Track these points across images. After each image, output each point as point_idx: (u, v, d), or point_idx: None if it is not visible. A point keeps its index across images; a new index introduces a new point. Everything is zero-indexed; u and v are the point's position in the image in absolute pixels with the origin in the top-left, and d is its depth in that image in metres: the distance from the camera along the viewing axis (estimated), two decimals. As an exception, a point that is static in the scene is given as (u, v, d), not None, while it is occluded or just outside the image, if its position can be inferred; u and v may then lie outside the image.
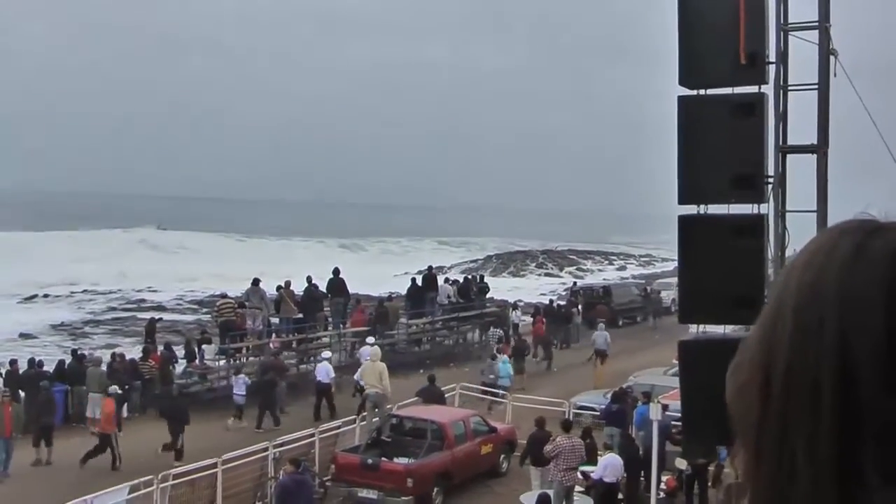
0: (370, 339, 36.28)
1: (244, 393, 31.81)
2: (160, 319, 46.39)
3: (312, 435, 25.43)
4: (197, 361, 36.15)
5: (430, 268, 50.42)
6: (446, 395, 30.63)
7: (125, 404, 30.85)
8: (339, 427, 26.95)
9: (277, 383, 32.42)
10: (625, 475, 22.65)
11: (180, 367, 35.48)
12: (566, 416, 24.46)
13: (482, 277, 55.71)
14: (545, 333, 44.78)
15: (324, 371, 33.74)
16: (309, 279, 40.47)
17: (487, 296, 50.84)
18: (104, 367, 32.25)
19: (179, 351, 37.53)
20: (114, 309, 65.68)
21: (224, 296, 41.94)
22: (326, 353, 35.82)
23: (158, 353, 35.53)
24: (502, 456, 26.87)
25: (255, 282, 39.44)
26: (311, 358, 38.12)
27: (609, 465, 22.31)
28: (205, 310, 62.62)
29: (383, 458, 24.21)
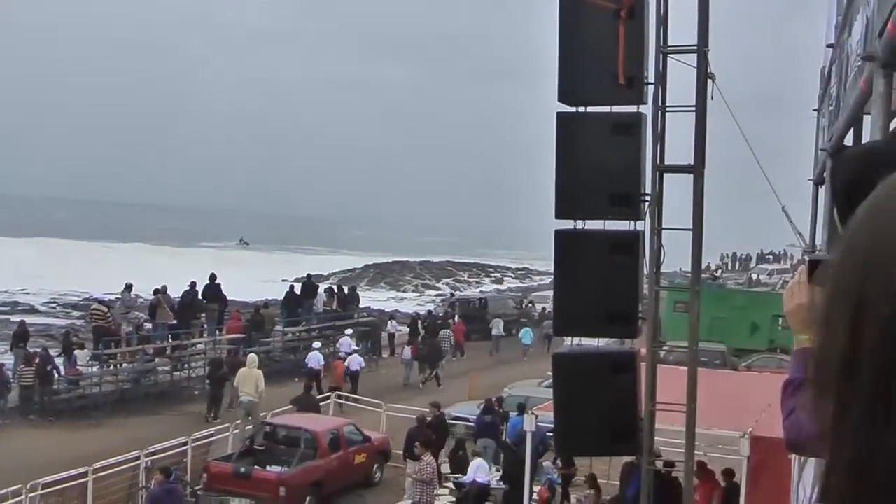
0: (316, 344, 39.09)
1: None
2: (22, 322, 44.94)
3: (185, 443, 25.11)
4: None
5: (308, 276, 50.13)
6: (321, 404, 30.51)
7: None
8: (211, 435, 26.66)
9: (229, 378, 32.84)
10: (505, 486, 22.80)
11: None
12: (403, 453, 24.71)
13: (353, 288, 55.54)
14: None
15: (315, 358, 37.24)
16: (192, 284, 39.96)
17: (361, 305, 50.82)
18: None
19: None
20: (-16, 312, 64.07)
21: (98, 300, 41.19)
22: (317, 344, 39.56)
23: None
24: (376, 465, 26.85)
25: (128, 287, 38.87)
26: (186, 365, 37.64)
27: (479, 467, 22.74)
28: (78, 313, 61.43)
29: (256, 467, 24.00)
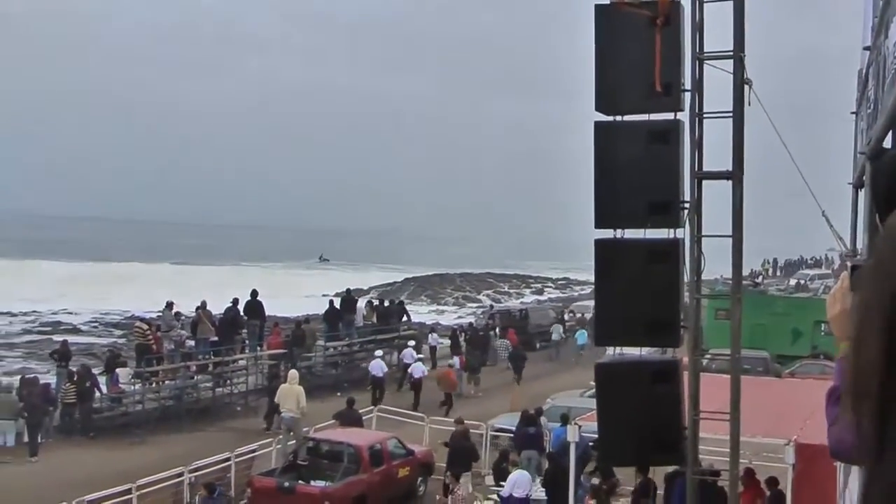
0: (378, 353, 41.08)
1: None
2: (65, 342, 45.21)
3: (228, 459, 25.20)
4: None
5: (348, 290, 50.24)
6: (364, 418, 30.53)
7: (38, 429, 30.36)
8: (255, 450, 26.74)
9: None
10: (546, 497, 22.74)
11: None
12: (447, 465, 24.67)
13: (401, 302, 55.64)
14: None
15: (378, 366, 39.29)
16: (235, 301, 40.21)
17: (404, 318, 50.88)
18: (14, 394, 31.71)
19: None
20: (28, 332, 64.60)
21: (140, 318, 41.47)
22: (379, 352, 41.54)
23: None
24: (419, 479, 26.82)
25: (168, 305, 39.19)
26: (228, 382, 37.80)
27: (517, 481, 22.58)
28: (120, 332, 61.87)
29: (299, 482, 24.04)
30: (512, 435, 28.65)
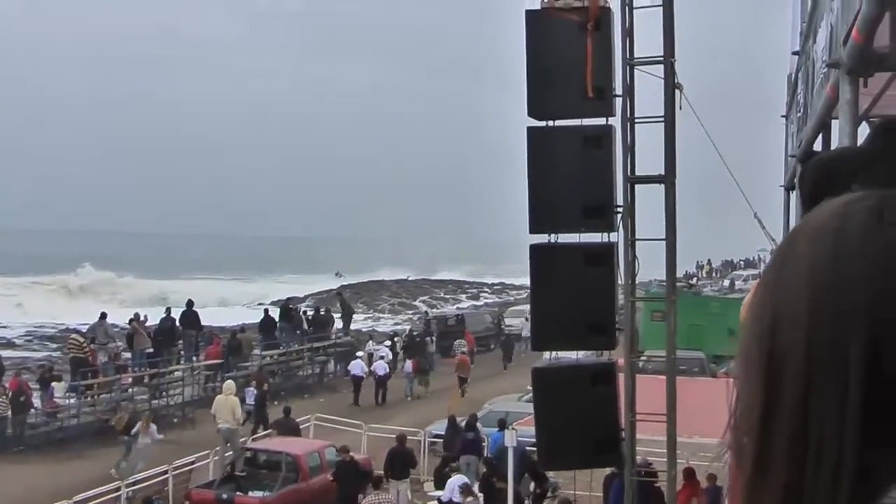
0: (360, 353, 44.36)
1: (252, 402, 33.86)
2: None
3: (166, 472, 24.98)
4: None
5: (287, 299, 49.88)
6: (301, 427, 30.40)
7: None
8: (192, 463, 26.52)
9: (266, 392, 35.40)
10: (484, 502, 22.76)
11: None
12: (385, 472, 24.36)
13: (328, 310, 55.36)
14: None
15: (358, 366, 41.84)
16: (168, 311, 39.90)
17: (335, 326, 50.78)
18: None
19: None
20: (-40, 346, 63.54)
21: (75, 331, 41.00)
22: (360, 353, 45.21)
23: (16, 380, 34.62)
24: (358, 487, 26.74)
25: (102, 316, 38.77)
26: (164, 393, 37.44)
27: (456, 485, 22.60)
28: (55, 345, 61.07)
29: (238, 493, 23.90)
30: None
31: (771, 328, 1.09)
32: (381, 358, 43.95)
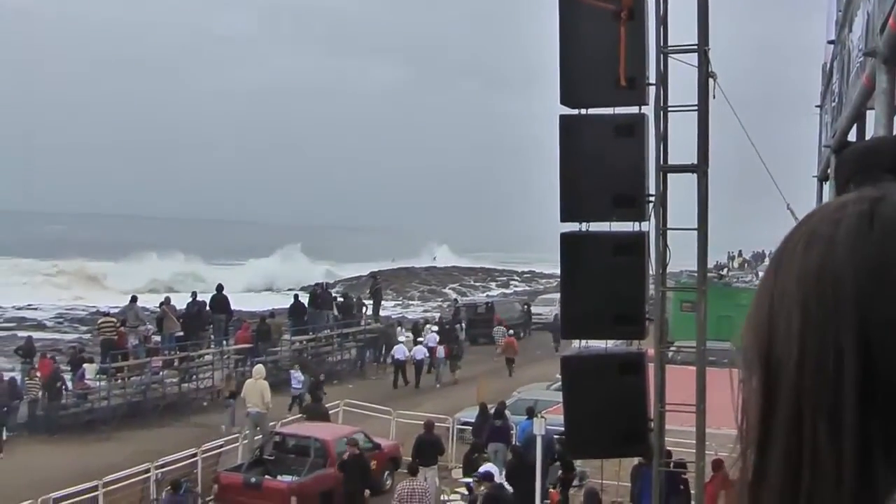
0: (401, 338, 46.94)
1: (300, 386, 34.99)
2: (29, 338, 44.76)
3: (195, 455, 25.10)
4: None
5: (317, 284, 49.81)
6: (331, 412, 30.49)
7: (3, 426, 30.18)
8: (221, 446, 26.65)
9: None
10: (511, 489, 22.75)
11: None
12: (412, 459, 24.27)
13: (359, 298, 55.35)
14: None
15: (401, 350, 43.57)
16: (194, 295, 40.08)
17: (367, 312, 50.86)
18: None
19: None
20: (-8, 328, 64.05)
21: (106, 313, 41.23)
22: (402, 337, 47.74)
23: (49, 360, 34.93)
24: (386, 472, 26.80)
25: (133, 299, 39.02)
26: (194, 377, 37.64)
27: (487, 473, 22.60)
28: (85, 328, 61.44)
29: (266, 477, 24.01)
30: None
31: (767, 334, 1.09)
32: (422, 343, 45.11)
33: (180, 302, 40.70)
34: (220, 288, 41.48)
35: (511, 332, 50.91)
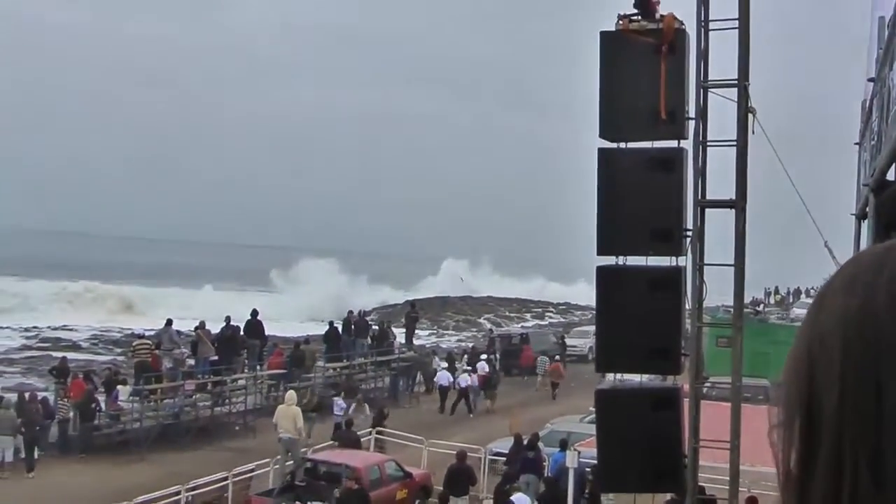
0: (443, 364, 47.99)
1: (342, 413, 34.38)
2: (63, 358, 44.88)
3: (226, 478, 25.16)
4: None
5: (350, 312, 49.82)
6: (362, 440, 30.49)
7: (35, 445, 30.36)
8: (252, 470, 26.69)
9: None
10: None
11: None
12: (444, 488, 24.17)
13: (389, 323, 55.48)
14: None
15: (444, 377, 44.77)
16: (228, 319, 40.23)
17: (397, 341, 50.93)
18: (12, 410, 31.63)
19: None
20: (28, 347, 64.48)
21: (141, 336, 41.44)
22: (444, 364, 48.28)
23: (82, 381, 35.11)
24: (417, 501, 26.74)
25: (168, 322, 39.21)
26: (227, 401, 37.75)
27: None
28: (120, 349, 61.78)
29: (297, 503, 24.00)
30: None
31: (808, 376, 1.10)
32: (473, 372, 45.50)
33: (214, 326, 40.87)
34: (254, 313, 41.63)
35: (557, 358, 52.05)
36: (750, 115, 12.40)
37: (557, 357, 52.57)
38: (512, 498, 23.21)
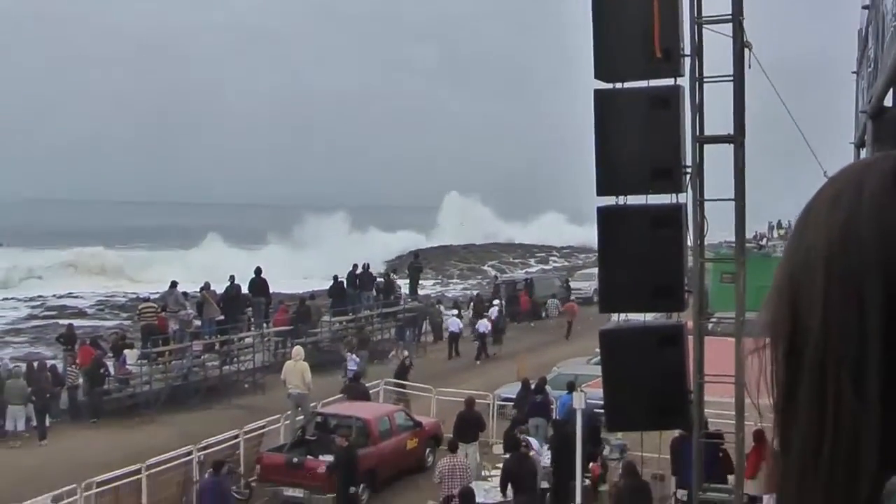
0: (454, 311, 48.02)
1: (355, 367, 34.39)
2: (70, 325, 44.91)
3: (237, 436, 25.27)
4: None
5: (354, 266, 49.61)
6: (371, 392, 30.60)
7: (46, 413, 30.49)
8: (263, 427, 26.80)
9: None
10: (550, 467, 22.76)
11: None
12: (453, 436, 24.19)
13: (392, 272, 55.39)
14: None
15: (455, 323, 44.94)
16: (232, 279, 40.24)
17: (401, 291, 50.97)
18: (22, 379, 31.73)
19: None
20: (34, 316, 64.56)
21: (146, 299, 41.48)
22: (454, 311, 48.33)
23: (90, 347, 35.20)
24: (428, 450, 26.91)
25: (173, 284, 39.24)
26: (235, 360, 37.85)
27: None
28: (126, 314, 61.89)
29: (308, 457, 24.12)
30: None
31: (791, 295, 1.11)
32: (489, 318, 46.60)
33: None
34: (258, 271, 41.59)
35: (573, 298, 55.06)
36: (746, 50, 12.36)
37: (573, 297, 55.33)
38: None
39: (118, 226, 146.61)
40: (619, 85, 12.34)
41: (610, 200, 12.43)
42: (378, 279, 50.09)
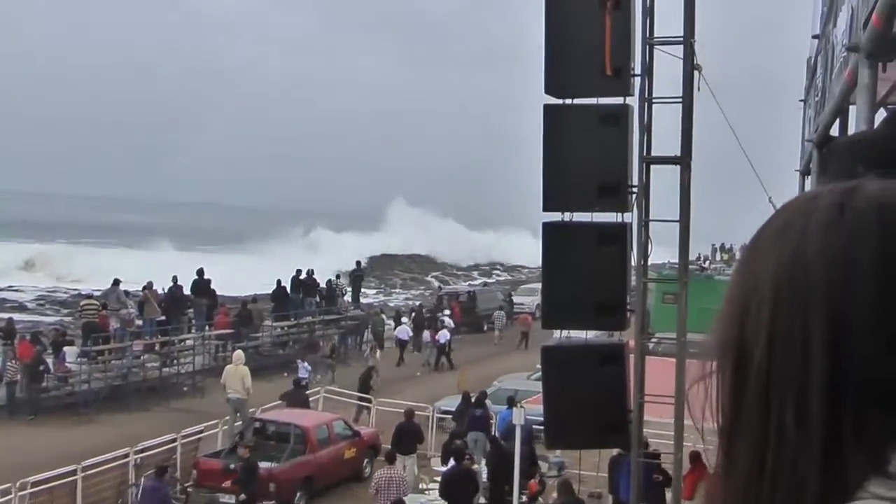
0: (405, 319, 49.88)
1: (306, 375, 35.43)
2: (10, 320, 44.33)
3: (174, 440, 25.06)
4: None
5: (298, 271, 49.31)
6: (311, 399, 30.48)
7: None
8: (201, 431, 26.60)
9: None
10: (487, 483, 22.76)
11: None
12: (392, 447, 24.11)
13: (336, 278, 55.18)
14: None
15: (404, 331, 46.62)
16: (174, 280, 39.93)
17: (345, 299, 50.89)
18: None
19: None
20: (-29, 309, 63.65)
21: (88, 296, 41.03)
22: (405, 319, 49.94)
23: (29, 343, 34.77)
24: (366, 460, 26.84)
25: (115, 282, 38.88)
26: (175, 361, 37.54)
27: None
28: (66, 310, 61.23)
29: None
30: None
31: (738, 323, 1.12)
32: (444, 326, 47.64)
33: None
34: (200, 272, 41.25)
35: (529, 311, 54.47)
36: (696, 72, 12.43)
37: (527, 308, 55.56)
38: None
39: (65, 221, 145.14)
40: (568, 101, 12.36)
41: (556, 216, 12.44)
42: (321, 285, 49.96)
